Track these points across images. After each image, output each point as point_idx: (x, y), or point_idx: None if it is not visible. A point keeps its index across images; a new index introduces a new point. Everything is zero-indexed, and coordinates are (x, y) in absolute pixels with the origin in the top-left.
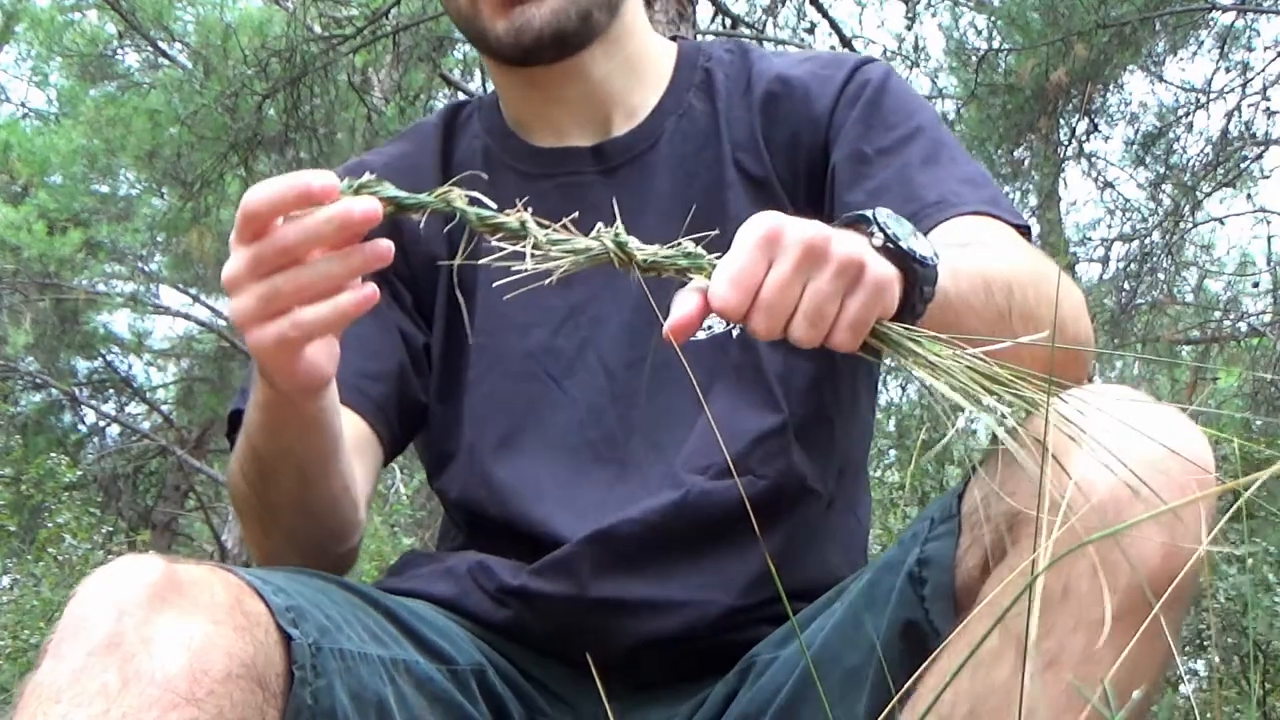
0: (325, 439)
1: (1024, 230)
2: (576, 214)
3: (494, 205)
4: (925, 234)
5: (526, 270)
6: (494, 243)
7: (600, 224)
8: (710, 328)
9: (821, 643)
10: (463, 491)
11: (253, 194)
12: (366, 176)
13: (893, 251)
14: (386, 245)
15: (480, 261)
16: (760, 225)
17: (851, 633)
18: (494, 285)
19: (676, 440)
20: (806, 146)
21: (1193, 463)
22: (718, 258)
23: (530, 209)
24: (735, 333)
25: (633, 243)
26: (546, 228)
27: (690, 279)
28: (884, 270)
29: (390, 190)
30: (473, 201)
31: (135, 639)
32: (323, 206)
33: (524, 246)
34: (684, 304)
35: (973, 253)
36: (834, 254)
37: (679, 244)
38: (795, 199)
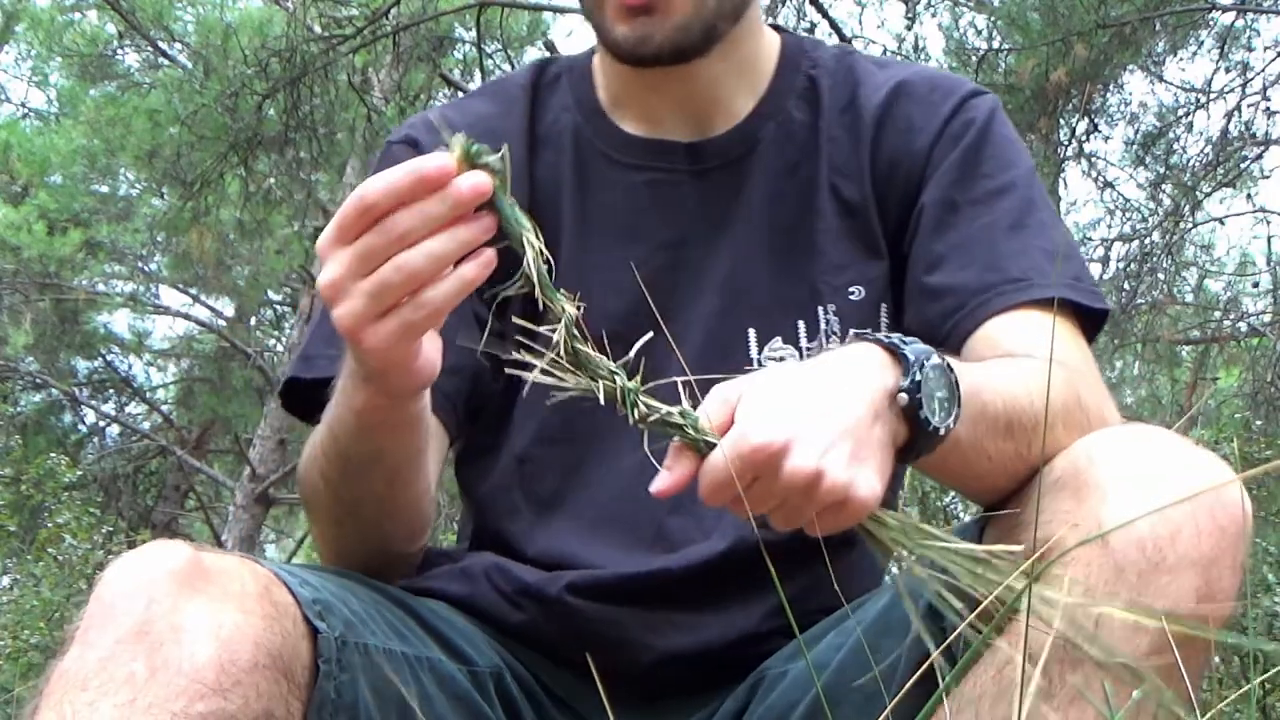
0: (419, 439)
1: (1101, 314)
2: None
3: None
4: (999, 312)
5: (534, 369)
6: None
7: (618, 372)
8: (780, 357)
9: (838, 665)
10: (494, 497)
11: (369, 187)
12: (477, 146)
13: (907, 414)
14: (491, 218)
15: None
16: (762, 434)
17: (868, 658)
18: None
19: None
20: (903, 176)
21: (1233, 507)
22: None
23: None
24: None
25: (643, 404)
26: (581, 338)
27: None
28: (868, 493)
29: (499, 197)
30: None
31: (164, 627)
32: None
33: (555, 339)
34: (677, 471)
35: (1011, 379)
36: (821, 491)
37: (686, 413)
38: (886, 225)
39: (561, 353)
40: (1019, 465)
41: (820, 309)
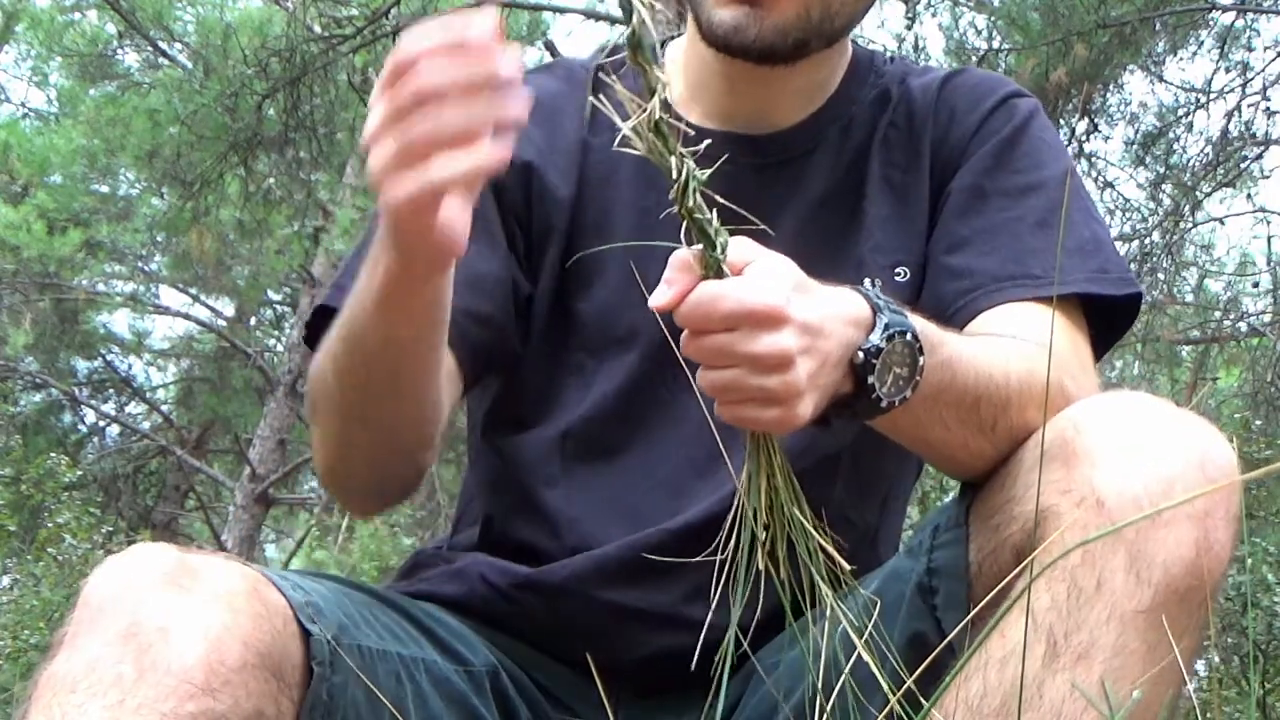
0: (434, 332)
1: (1132, 299)
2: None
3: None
4: (1009, 301)
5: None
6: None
7: (687, 158)
8: None
9: (831, 651)
10: (531, 466)
11: (406, 42)
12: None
13: (858, 374)
14: (523, 100)
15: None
16: (774, 295)
17: (861, 644)
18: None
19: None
20: (941, 164)
21: (1223, 462)
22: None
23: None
24: None
25: (698, 196)
26: (671, 116)
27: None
28: (804, 413)
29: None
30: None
31: (151, 628)
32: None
33: (649, 105)
34: (676, 285)
35: (992, 356)
36: (778, 380)
37: (721, 233)
38: (933, 213)
39: (649, 122)
40: (980, 441)
41: (867, 281)
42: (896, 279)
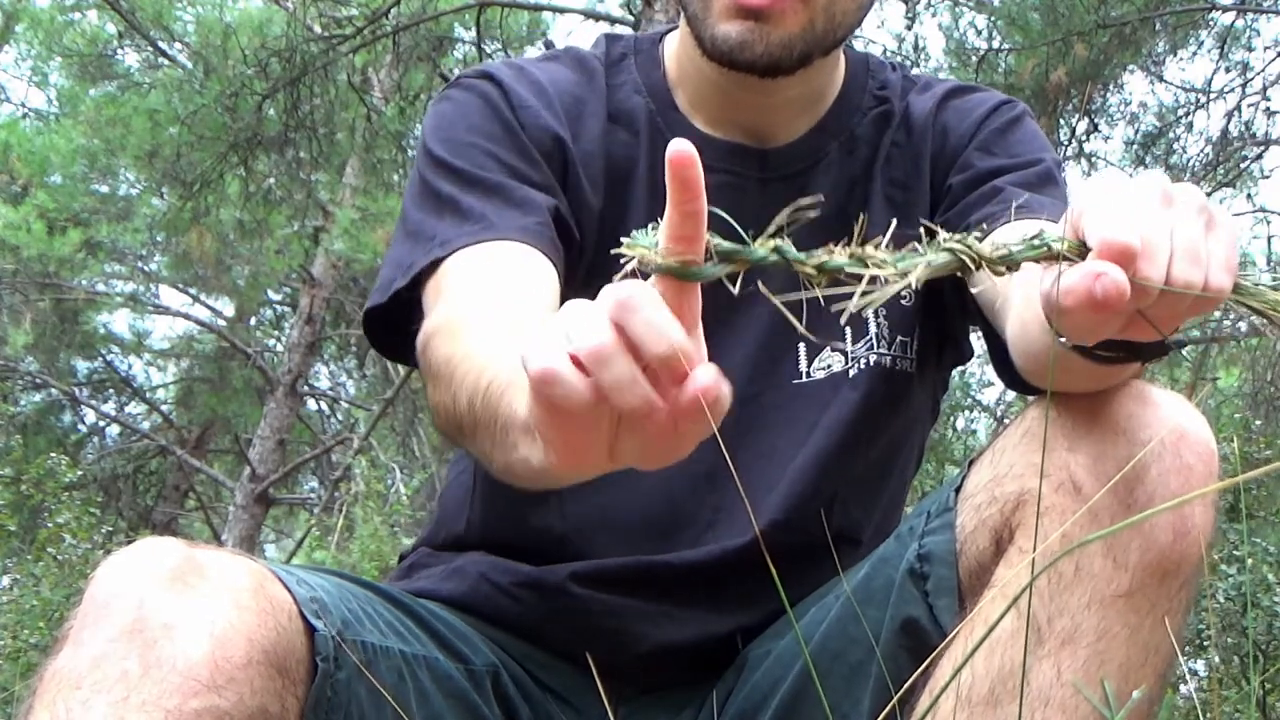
0: None
1: None
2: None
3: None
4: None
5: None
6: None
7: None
8: (829, 366)
9: (821, 638)
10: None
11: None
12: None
13: None
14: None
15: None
16: (1131, 189)
17: (852, 629)
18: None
19: (768, 482)
20: (939, 177)
21: (1199, 444)
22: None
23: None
24: (852, 372)
25: (979, 246)
26: (865, 263)
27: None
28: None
29: (720, 243)
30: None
31: (157, 624)
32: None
33: (873, 270)
34: (1078, 284)
35: None
36: (1191, 198)
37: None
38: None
39: (880, 263)
40: None
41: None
42: (901, 301)
